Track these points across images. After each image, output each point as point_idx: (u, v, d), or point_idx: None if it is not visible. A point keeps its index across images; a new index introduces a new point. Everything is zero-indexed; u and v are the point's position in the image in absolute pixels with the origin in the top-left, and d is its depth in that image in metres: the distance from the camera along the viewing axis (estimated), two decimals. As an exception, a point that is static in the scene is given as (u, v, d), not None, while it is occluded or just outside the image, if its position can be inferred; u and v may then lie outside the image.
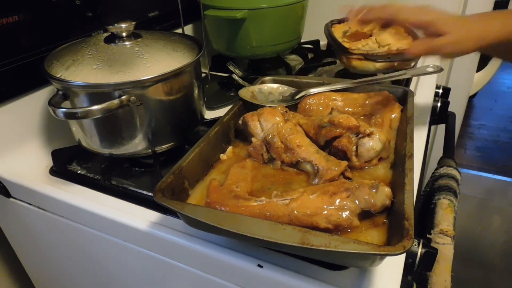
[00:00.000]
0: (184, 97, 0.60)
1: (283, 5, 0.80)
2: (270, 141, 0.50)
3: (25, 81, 0.63)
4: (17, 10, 0.59)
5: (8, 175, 0.60)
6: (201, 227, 0.41)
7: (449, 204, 0.63)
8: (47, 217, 0.60)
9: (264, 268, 0.42)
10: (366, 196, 0.40)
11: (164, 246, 0.49)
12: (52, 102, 0.52)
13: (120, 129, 0.56)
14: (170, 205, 0.38)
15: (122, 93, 0.52)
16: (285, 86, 0.65)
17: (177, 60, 0.57)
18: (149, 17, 0.87)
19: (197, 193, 0.47)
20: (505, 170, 2.03)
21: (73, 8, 0.68)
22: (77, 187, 0.59)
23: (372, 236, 0.39)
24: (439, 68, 0.60)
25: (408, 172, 0.41)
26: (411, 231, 0.33)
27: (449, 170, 0.73)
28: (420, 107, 0.72)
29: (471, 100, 2.64)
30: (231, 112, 0.58)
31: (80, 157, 0.65)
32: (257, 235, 0.34)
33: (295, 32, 0.88)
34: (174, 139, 0.61)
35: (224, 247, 0.45)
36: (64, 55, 0.57)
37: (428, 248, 0.44)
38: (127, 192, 0.56)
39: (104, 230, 0.54)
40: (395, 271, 0.42)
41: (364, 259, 0.35)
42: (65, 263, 0.68)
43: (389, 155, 0.51)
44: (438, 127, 1.29)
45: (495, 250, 1.59)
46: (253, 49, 0.84)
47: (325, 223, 0.38)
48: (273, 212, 0.40)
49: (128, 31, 0.58)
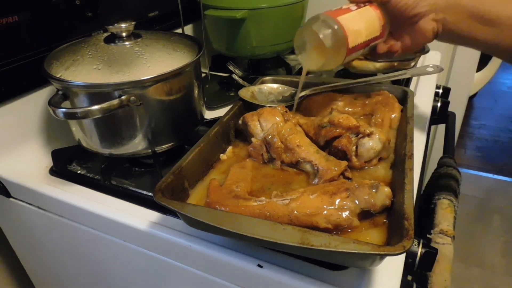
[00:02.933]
0: (184, 97, 0.60)
1: (283, 5, 0.80)
2: (270, 141, 0.50)
3: (25, 81, 0.63)
4: (17, 10, 0.59)
5: (8, 175, 0.60)
6: (201, 227, 0.41)
7: (449, 204, 0.63)
8: (47, 217, 0.60)
9: (264, 268, 0.42)
10: (366, 196, 0.40)
11: (164, 246, 0.49)
12: (52, 102, 0.51)
13: (120, 129, 0.56)
14: (170, 205, 0.38)
15: (122, 93, 0.52)
16: (285, 86, 0.65)
17: (177, 60, 0.57)
18: (149, 17, 0.87)
19: (197, 193, 0.47)
20: (505, 170, 2.03)
21: (73, 8, 0.68)
22: (77, 187, 0.58)
23: (372, 236, 0.39)
24: (439, 68, 0.60)
25: (408, 172, 0.41)
26: (411, 231, 0.33)
27: (449, 170, 0.73)
28: (420, 107, 0.72)
29: (471, 100, 2.64)
30: (231, 112, 0.58)
31: (80, 157, 0.65)
32: (257, 235, 0.34)
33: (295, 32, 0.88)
34: (174, 139, 0.61)
35: (224, 247, 0.45)
36: (64, 55, 0.57)
37: (428, 248, 0.45)
38: (127, 192, 0.56)
39: (104, 230, 0.54)
40: (395, 271, 0.42)
41: (364, 259, 0.35)
42: (65, 263, 0.68)
43: (389, 155, 0.51)
44: (438, 127, 1.29)
45: (495, 250, 1.59)
46: (253, 49, 0.84)
47: (325, 223, 0.38)
48: (273, 212, 0.40)
49: (128, 31, 0.58)
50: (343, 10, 0.51)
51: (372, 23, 0.52)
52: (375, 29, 0.52)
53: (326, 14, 0.50)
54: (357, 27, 0.50)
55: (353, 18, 0.50)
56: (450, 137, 0.87)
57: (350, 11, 0.51)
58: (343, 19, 0.49)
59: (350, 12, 0.51)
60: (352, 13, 0.51)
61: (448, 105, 0.83)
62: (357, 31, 0.50)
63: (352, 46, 0.50)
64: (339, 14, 0.50)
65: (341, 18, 0.49)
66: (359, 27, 0.51)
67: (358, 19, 0.51)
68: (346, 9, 0.51)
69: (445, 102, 0.83)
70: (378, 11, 0.52)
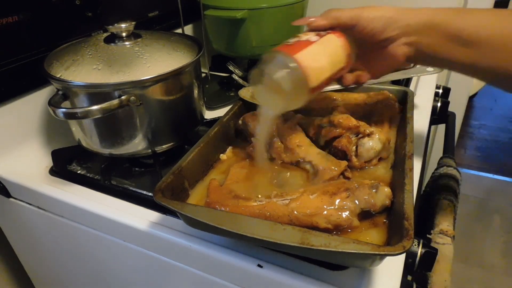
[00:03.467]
0: (184, 97, 0.60)
1: (283, 5, 0.80)
2: (270, 141, 0.50)
3: (25, 81, 0.63)
4: (17, 10, 0.59)
5: (8, 175, 0.60)
6: (201, 227, 0.41)
7: (449, 204, 0.63)
8: (47, 217, 0.60)
9: (264, 268, 0.42)
10: (366, 196, 0.40)
11: (164, 246, 0.49)
12: (52, 102, 0.51)
13: (120, 129, 0.56)
14: (170, 205, 0.38)
15: (122, 93, 0.52)
16: (285, 86, 0.65)
17: (177, 60, 0.57)
18: (149, 17, 0.87)
19: (197, 193, 0.47)
20: (505, 170, 2.03)
21: (73, 8, 0.68)
22: (77, 187, 0.58)
23: (372, 236, 0.39)
24: (439, 68, 0.60)
25: (408, 172, 0.41)
26: (411, 231, 0.33)
27: (449, 170, 0.73)
28: (420, 107, 0.72)
29: (471, 100, 2.64)
30: (231, 112, 0.58)
31: (80, 157, 0.65)
32: (257, 235, 0.34)
33: (295, 32, 0.87)
34: (174, 139, 0.61)
35: (224, 247, 0.45)
36: (64, 55, 0.57)
37: (428, 248, 0.45)
38: (127, 192, 0.56)
39: (104, 230, 0.54)
40: (395, 271, 0.42)
41: (364, 259, 0.35)
42: (65, 263, 0.68)
43: (389, 155, 0.51)
44: (438, 127, 1.29)
45: (495, 250, 1.59)
46: (253, 49, 0.84)
47: (325, 223, 0.38)
48: (273, 212, 0.40)
49: (128, 31, 0.58)
50: (302, 43, 0.44)
51: (336, 54, 0.46)
52: (339, 60, 0.46)
53: (282, 50, 0.43)
54: (320, 63, 0.44)
55: (314, 53, 0.43)
56: (450, 137, 0.87)
57: (310, 44, 0.44)
58: (302, 55, 0.42)
59: (310, 46, 0.44)
60: (312, 46, 0.44)
61: (448, 105, 0.83)
62: (319, 67, 0.44)
63: (314, 85, 0.44)
64: (298, 49, 0.43)
65: (300, 54, 0.42)
66: (322, 62, 0.44)
67: (320, 52, 0.44)
68: (306, 42, 0.44)
69: (445, 102, 0.83)
70: (342, 39, 0.46)
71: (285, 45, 0.44)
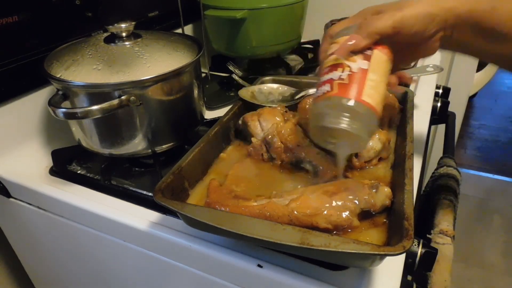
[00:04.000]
0: (184, 97, 0.60)
1: (283, 5, 0.80)
2: (270, 141, 0.51)
3: (25, 81, 0.63)
4: (17, 10, 0.59)
5: (8, 175, 0.60)
6: (201, 227, 0.41)
7: (449, 204, 0.63)
8: (47, 217, 0.60)
9: (264, 268, 0.42)
10: (366, 196, 0.40)
11: (164, 246, 0.49)
12: (52, 102, 0.51)
13: (120, 129, 0.56)
14: (170, 205, 0.38)
15: (122, 93, 0.52)
16: (285, 86, 0.65)
17: (177, 60, 0.57)
18: (149, 17, 0.87)
19: (197, 193, 0.47)
20: (505, 170, 2.03)
21: (73, 8, 0.68)
22: (77, 187, 0.58)
23: (372, 236, 0.39)
24: (439, 68, 0.60)
25: (408, 172, 0.41)
26: (411, 231, 0.33)
27: (449, 170, 0.73)
28: (420, 107, 0.72)
29: (471, 100, 2.64)
30: (231, 112, 0.58)
31: (80, 157, 0.65)
32: (257, 235, 0.34)
33: (295, 32, 0.88)
34: (174, 139, 0.61)
35: (224, 247, 0.45)
36: (64, 55, 0.57)
37: (428, 248, 0.45)
38: (127, 192, 0.56)
39: (104, 230, 0.54)
40: (395, 271, 0.42)
41: (364, 259, 0.35)
42: (65, 263, 0.68)
43: (389, 155, 0.51)
44: (438, 127, 1.29)
45: (495, 250, 1.59)
46: (253, 49, 0.85)
47: (325, 223, 0.38)
48: (273, 212, 0.40)
49: (128, 31, 0.58)
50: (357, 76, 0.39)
51: (386, 69, 0.42)
52: (388, 72, 0.43)
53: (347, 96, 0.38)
54: (381, 90, 0.40)
55: (373, 85, 0.39)
56: (450, 137, 0.87)
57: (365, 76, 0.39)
58: (366, 95, 0.38)
59: (366, 79, 0.39)
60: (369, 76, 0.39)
61: (448, 105, 0.83)
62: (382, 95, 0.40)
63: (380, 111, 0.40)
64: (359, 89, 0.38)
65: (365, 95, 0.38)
66: (381, 88, 0.40)
67: (377, 79, 0.40)
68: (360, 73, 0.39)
69: (445, 102, 0.83)
70: (386, 50, 0.42)
71: (339, 84, 0.39)
